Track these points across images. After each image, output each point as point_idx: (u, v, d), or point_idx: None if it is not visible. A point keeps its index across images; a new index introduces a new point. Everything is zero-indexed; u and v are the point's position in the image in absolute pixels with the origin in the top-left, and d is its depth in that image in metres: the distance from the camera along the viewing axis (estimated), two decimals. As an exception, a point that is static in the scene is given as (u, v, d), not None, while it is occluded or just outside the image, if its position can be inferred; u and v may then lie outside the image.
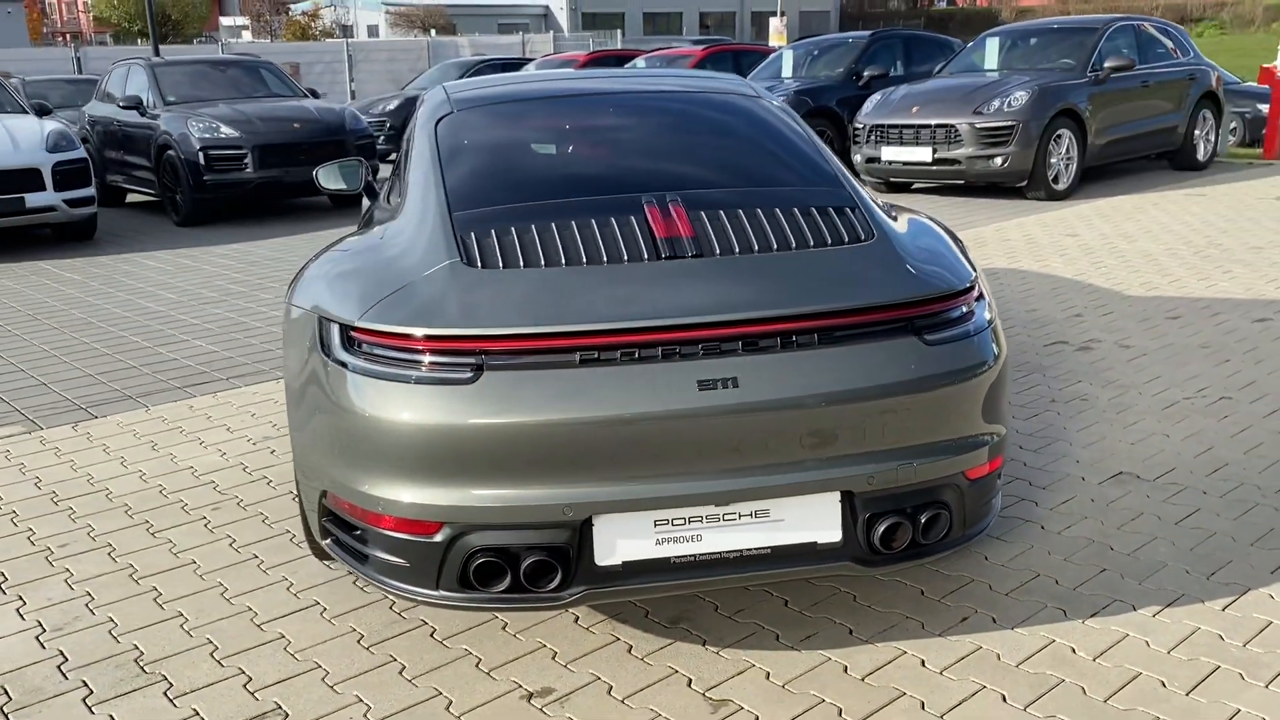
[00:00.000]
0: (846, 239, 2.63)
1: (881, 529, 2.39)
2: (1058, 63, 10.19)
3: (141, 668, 2.64)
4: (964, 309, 2.54)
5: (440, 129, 3.25)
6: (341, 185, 4.27)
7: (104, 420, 4.56)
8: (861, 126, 10.20)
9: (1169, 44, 11.02)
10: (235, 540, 3.35)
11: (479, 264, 2.52)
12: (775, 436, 2.31)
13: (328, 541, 2.69)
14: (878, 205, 2.92)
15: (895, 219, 2.89)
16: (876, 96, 10.42)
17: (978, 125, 9.26)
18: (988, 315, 2.62)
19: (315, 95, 11.81)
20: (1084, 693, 2.38)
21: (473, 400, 2.27)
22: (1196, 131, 11.02)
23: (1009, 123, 9.15)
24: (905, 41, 12.30)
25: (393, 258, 2.72)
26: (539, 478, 2.28)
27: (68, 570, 3.18)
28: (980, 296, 2.65)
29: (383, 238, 2.92)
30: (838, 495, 2.37)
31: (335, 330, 2.54)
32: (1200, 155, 11.11)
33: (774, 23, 33.06)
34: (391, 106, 15.30)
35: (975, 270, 2.71)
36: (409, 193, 3.02)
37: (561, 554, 2.31)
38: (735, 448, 2.30)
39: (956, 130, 9.36)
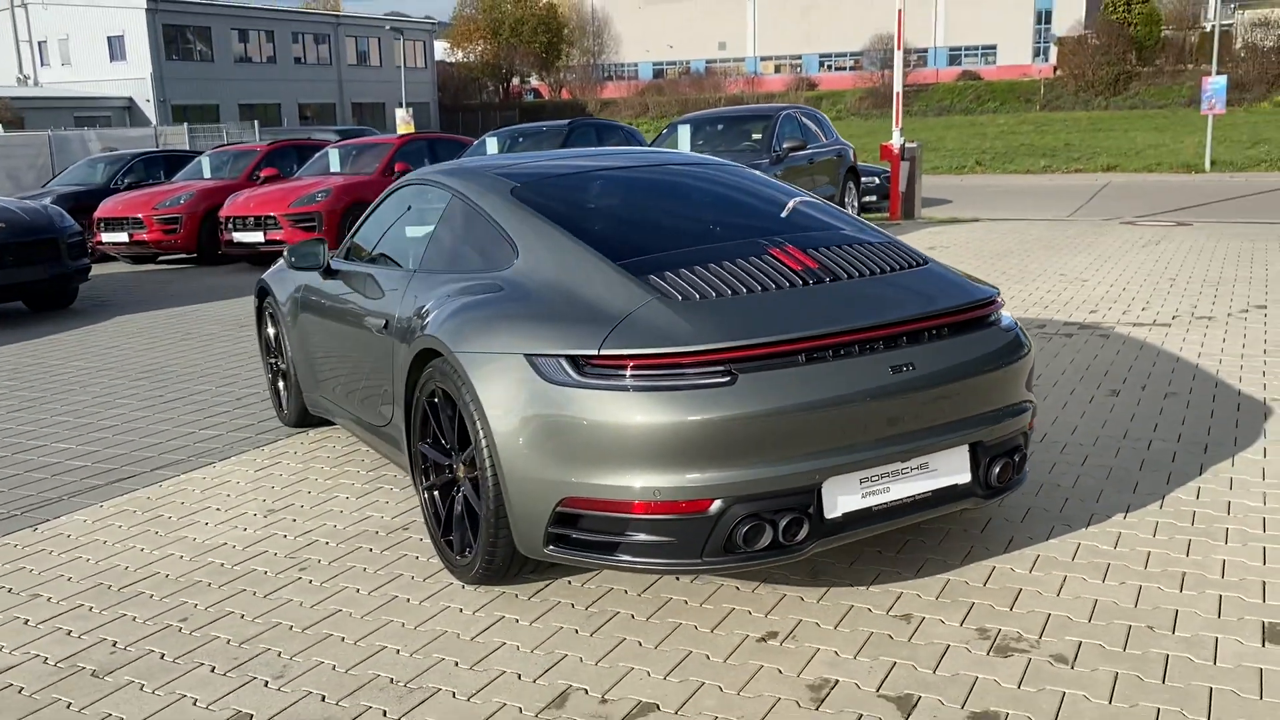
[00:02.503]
0: (911, 265, 3.52)
1: (996, 469, 3.28)
2: (744, 145, 11.87)
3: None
4: (1002, 309, 3.51)
5: (526, 197, 3.76)
6: (312, 263, 4.60)
7: None
8: None
9: (815, 127, 13.16)
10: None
11: (678, 298, 3.11)
12: (934, 405, 3.13)
13: (549, 548, 3.12)
14: (893, 241, 3.84)
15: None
16: None
17: None
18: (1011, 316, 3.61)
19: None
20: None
21: (736, 397, 2.89)
22: (846, 199, 13.19)
23: None
24: (598, 129, 13.60)
25: (567, 302, 3.21)
26: (786, 452, 2.93)
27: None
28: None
29: (522, 290, 3.37)
30: (967, 447, 3.22)
31: (561, 363, 3.02)
32: (849, 218, 13.29)
33: (399, 113, 33.89)
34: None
35: None
36: (527, 248, 3.51)
37: (805, 512, 2.96)
38: (912, 416, 3.09)
39: None
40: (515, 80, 68.12)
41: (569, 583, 3.50)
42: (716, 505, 2.90)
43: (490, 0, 65.67)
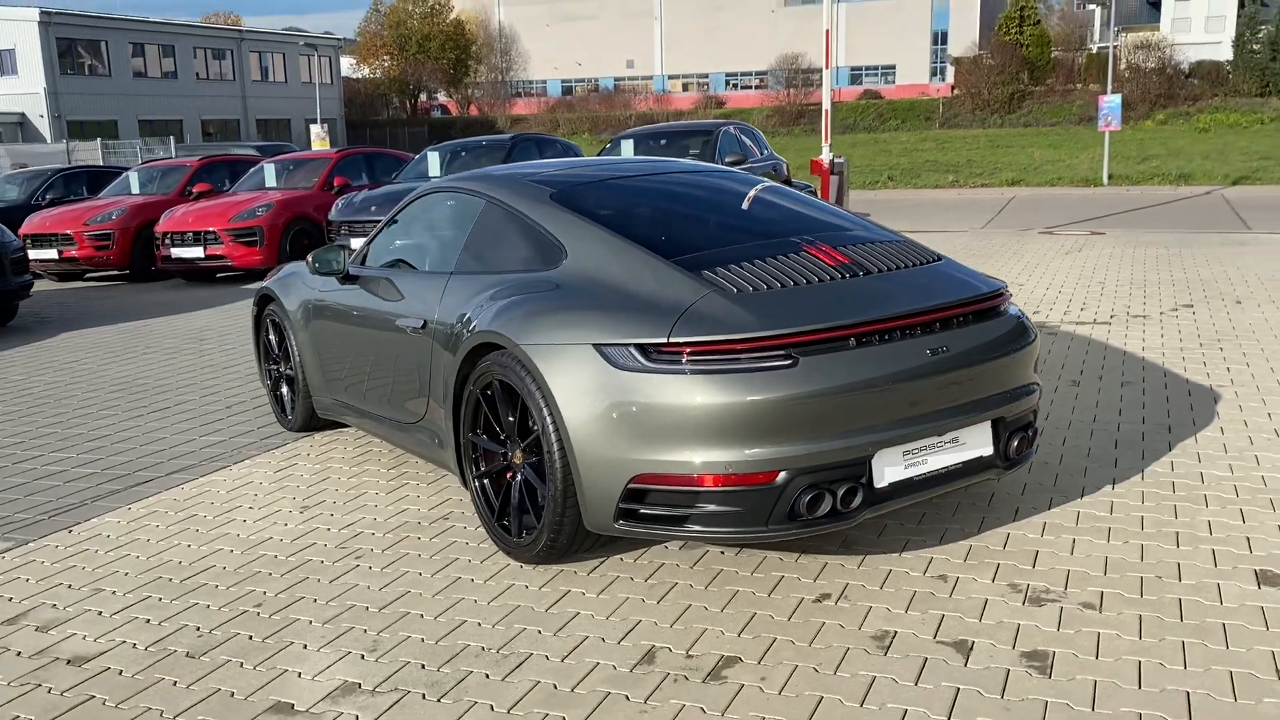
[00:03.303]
0: (928, 260, 3.87)
1: (1015, 443, 3.64)
2: (688, 158, 12.24)
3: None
4: (1010, 300, 3.88)
5: (565, 202, 4.01)
6: (335, 268, 4.78)
7: None
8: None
9: (751, 143, 13.61)
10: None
11: (733, 290, 3.40)
12: (963, 384, 3.47)
13: (619, 522, 3.37)
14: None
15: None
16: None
17: None
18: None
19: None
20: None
21: (798, 378, 3.18)
22: (782, 212, 13.64)
23: None
24: (538, 143, 13.85)
25: (627, 296, 3.47)
26: (842, 427, 3.24)
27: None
28: (1008, 294, 4.01)
29: (578, 287, 3.62)
30: (989, 422, 3.57)
31: (631, 351, 3.29)
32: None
33: (315, 129, 33.57)
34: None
35: None
36: (576, 248, 3.76)
37: (859, 482, 3.27)
38: (946, 394, 3.42)
39: None
40: (423, 96, 67.78)
41: (621, 559, 3.74)
42: (782, 476, 3.19)
43: (397, 16, 65.31)
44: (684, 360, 3.23)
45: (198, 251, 12.79)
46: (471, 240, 4.28)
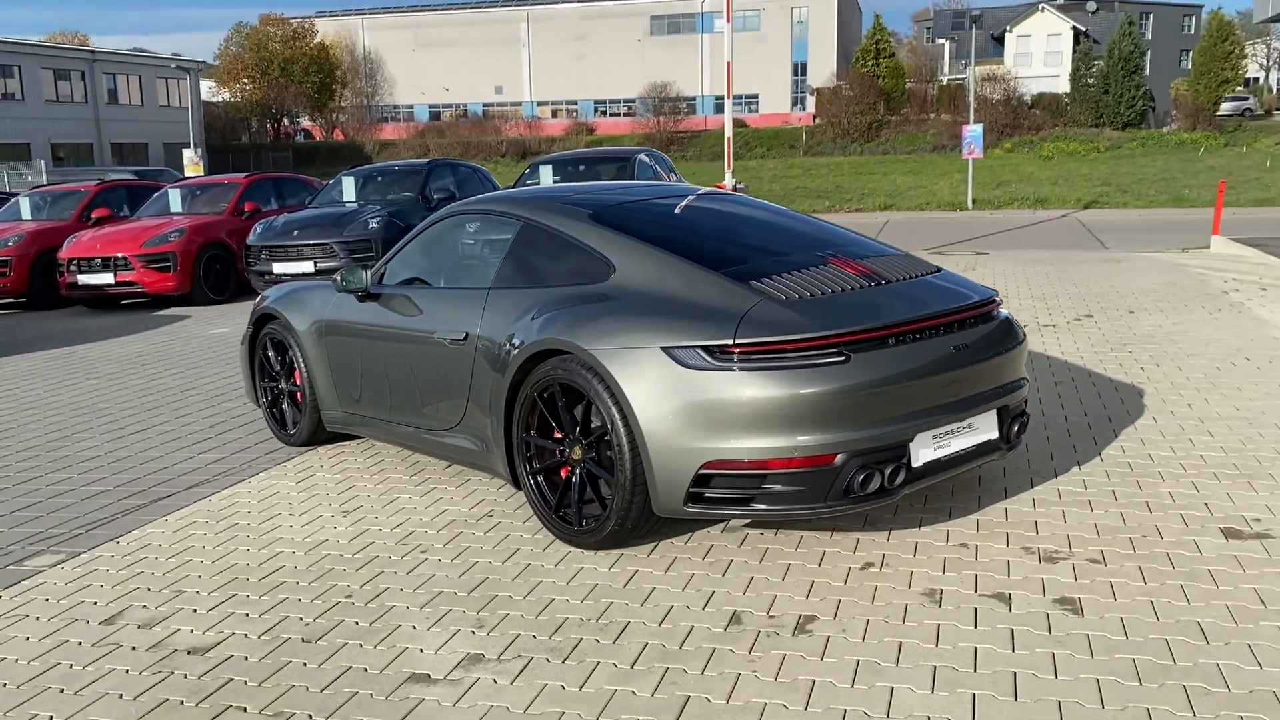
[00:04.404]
0: (931, 271, 4.40)
1: (1015, 428, 4.20)
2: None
3: (599, 620, 3.50)
4: (1001, 306, 4.46)
5: (604, 221, 4.41)
6: (360, 286, 5.07)
7: None
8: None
9: (663, 170, 14.15)
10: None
11: (782, 298, 3.86)
12: (979, 376, 4.01)
13: (689, 506, 3.77)
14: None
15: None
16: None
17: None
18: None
19: None
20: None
21: (851, 372, 3.66)
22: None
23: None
24: (453, 168, 14.11)
25: (684, 304, 3.89)
26: (888, 414, 3.72)
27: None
28: (997, 301, 4.57)
29: (633, 297, 4.02)
30: (994, 410, 4.12)
31: (699, 351, 3.71)
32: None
33: (187, 154, 32.76)
34: None
35: None
36: (625, 263, 4.16)
37: (901, 462, 3.76)
38: (965, 385, 3.95)
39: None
40: (285, 121, 66.45)
41: (672, 543, 4.14)
42: (840, 458, 3.65)
43: (258, 38, 63.95)
44: (749, 359, 3.67)
45: (107, 278, 12.57)
46: (510, 258, 4.62)
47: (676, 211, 4.80)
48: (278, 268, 12.09)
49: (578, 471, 4.10)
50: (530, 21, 69.61)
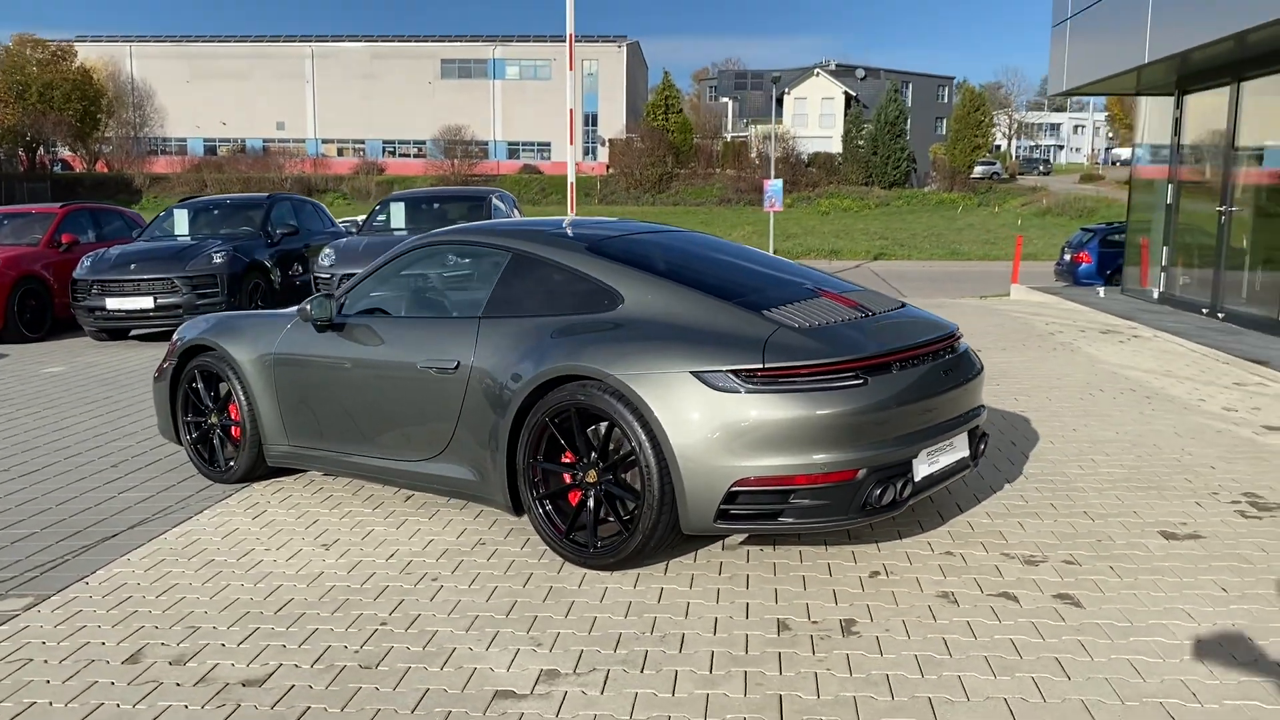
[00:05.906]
0: (900, 305, 4.80)
1: (981, 447, 4.64)
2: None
3: (654, 632, 3.63)
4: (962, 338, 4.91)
5: (603, 253, 4.58)
6: (327, 316, 5.04)
7: None
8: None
9: (513, 210, 14.30)
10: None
11: (796, 326, 4.14)
12: (960, 399, 4.42)
13: (719, 522, 3.97)
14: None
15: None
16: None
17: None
18: None
19: None
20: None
21: (869, 393, 3.98)
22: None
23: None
24: (294, 203, 13.74)
25: (702, 331, 4.11)
26: (899, 432, 4.06)
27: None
28: (954, 334, 5.02)
29: (648, 325, 4.20)
30: (967, 431, 4.54)
31: (729, 375, 3.94)
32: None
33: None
34: None
35: None
36: (633, 293, 4.34)
37: (908, 477, 4.10)
38: (952, 407, 4.35)
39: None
40: (41, 150, 61.88)
41: (682, 562, 4.32)
42: (862, 473, 3.95)
43: (12, 61, 59.41)
44: (776, 381, 3.93)
45: (-92, 312, 11.47)
46: (500, 287, 4.70)
47: (664, 246, 5.01)
48: (112, 303, 11.41)
49: (593, 494, 4.22)
50: (315, 58, 67.97)
